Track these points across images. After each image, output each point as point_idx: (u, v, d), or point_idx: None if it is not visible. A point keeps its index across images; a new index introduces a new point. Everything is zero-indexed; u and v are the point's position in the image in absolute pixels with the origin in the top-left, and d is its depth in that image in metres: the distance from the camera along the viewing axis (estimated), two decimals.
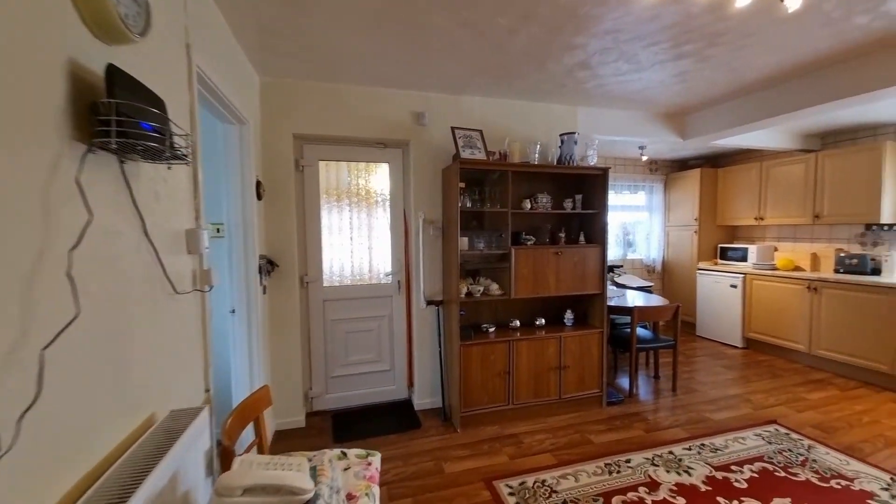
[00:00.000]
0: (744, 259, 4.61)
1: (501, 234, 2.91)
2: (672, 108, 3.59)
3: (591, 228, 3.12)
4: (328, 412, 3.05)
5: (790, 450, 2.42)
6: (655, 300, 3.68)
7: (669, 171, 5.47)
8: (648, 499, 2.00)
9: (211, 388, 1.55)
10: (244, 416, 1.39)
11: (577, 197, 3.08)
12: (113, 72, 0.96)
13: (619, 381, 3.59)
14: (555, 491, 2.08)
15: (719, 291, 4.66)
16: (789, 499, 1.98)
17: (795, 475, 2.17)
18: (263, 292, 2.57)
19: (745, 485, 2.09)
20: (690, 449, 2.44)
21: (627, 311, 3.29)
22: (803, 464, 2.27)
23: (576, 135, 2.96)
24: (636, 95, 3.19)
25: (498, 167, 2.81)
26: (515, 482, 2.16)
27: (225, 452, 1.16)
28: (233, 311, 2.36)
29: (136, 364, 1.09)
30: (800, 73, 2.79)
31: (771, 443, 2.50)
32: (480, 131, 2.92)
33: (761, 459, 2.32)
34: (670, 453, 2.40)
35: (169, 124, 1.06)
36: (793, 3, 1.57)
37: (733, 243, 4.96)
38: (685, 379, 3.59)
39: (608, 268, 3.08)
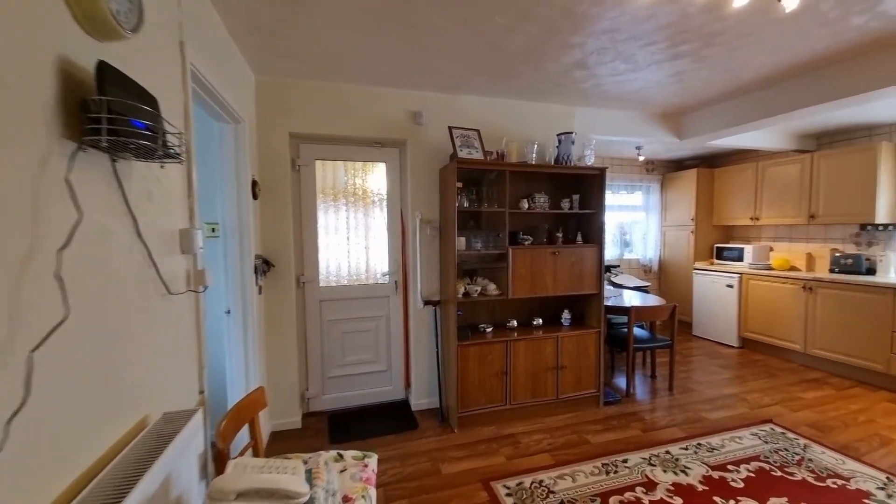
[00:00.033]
0: (740, 259, 4.63)
1: (499, 234, 2.91)
2: (669, 108, 3.60)
3: (589, 228, 3.12)
4: (325, 413, 3.04)
5: (786, 449, 2.43)
6: (652, 300, 3.69)
7: (666, 172, 5.49)
8: (646, 499, 2.00)
9: (205, 390, 1.53)
10: (239, 418, 1.38)
11: (575, 197, 3.07)
12: (104, 69, 0.94)
13: (616, 381, 3.60)
14: (552, 491, 2.07)
15: (715, 291, 4.68)
16: (786, 498, 1.98)
17: (792, 474, 2.17)
18: (259, 292, 2.55)
19: (742, 484, 2.10)
20: (687, 448, 2.44)
21: (624, 311, 3.29)
22: (799, 463, 2.28)
23: (573, 135, 2.96)
24: (633, 95, 3.20)
25: (495, 167, 2.80)
26: (513, 483, 2.15)
27: (219, 455, 1.14)
28: (228, 312, 2.34)
29: (129, 366, 1.07)
30: (796, 74, 2.80)
31: (767, 442, 2.51)
32: (478, 131, 2.91)
33: (757, 459, 2.32)
34: (667, 453, 2.40)
35: (162, 122, 1.04)
36: (790, 3, 1.57)
37: (729, 243, 4.98)
38: (682, 378, 3.59)
39: (605, 268, 3.08)
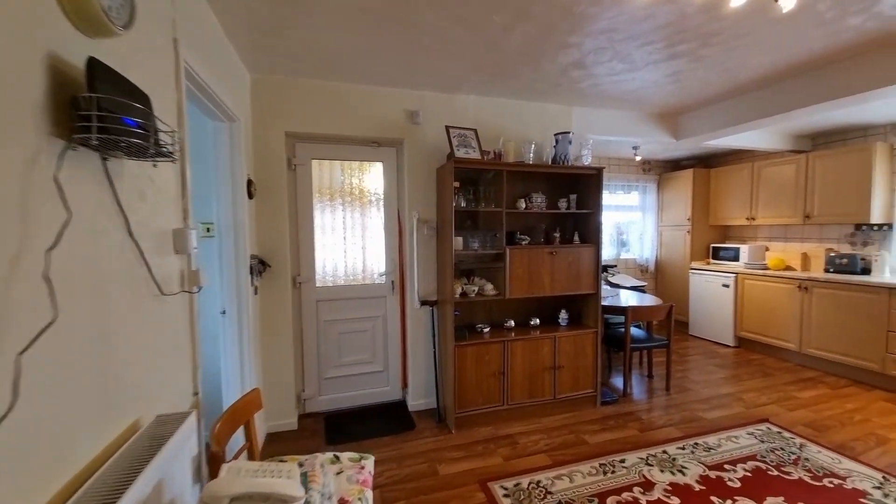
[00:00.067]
0: (736, 259, 4.64)
1: (496, 234, 2.90)
2: (666, 109, 3.61)
3: (586, 228, 3.12)
4: (321, 414, 3.02)
5: (782, 448, 2.43)
6: (649, 300, 3.69)
7: (662, 172, 5.50)
8: (643, 499, 2.00)
9: (200, 392, 1.51)
10: (234, 421, 1.36)
11: (572, 197, 3.07)
12: (94, 65, 0.92)
13: (614, 381, 3.60)
14: (550, 492, 2.06)
15: (711, 291, 4.70)
16: (782, 497, 1.98)
17: (788, 474, 2.18)
18: (255, 293, 2.53)
19: (739, 484, 2.10)
20: (684, 448, 2.45)
21: (621, 311, 3.29)
22: (795, 462, 2.28)
23: (570, 134, 2.95)
24: (630, 95, 3.20)
25: (492, 166, 2.79)
26: (510, 483, 2.14)
27: (213, 458, 1.12)
28: (223, 313, 2.32)
29: (120, 368, 1.05)
30: (793, 74, 2.81)
31: (763, 441, 2.51)
32: (475, 130, 2.90)
33: (754, 458, 2.33)
34: (664, 453, 2.40)
35: (154, 120, 1.02)
36: (787, 3, 1.57)
37: (725, 243, 5.00)
38: (678, 378, 3.60)
39: (602, 267, 3.07)
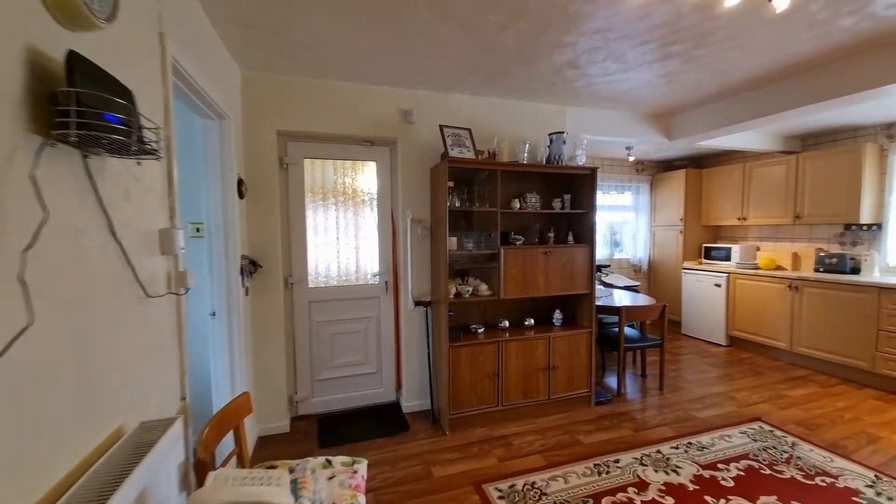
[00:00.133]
0: (727, 259, 4.68)
1: (490, 234, 2.88)
2: (659, 109, 3.62)
3: (580, 228, 3.11)
4: (314, 416, 2.98)
5: (775, 447, 2.45)
6: (642, 299, 3.70)
7: (655, 172, 5.53)
8: (637, 499, 1.99)
9: (187, 396, 1.47)
10: (222, 426, 1.33)
11: (566, 197, 3.06)
12: (74, 59, 0.89)
13: (608, 381, 3.60)
14: (544, 493, 2.05)
15: (704, 290, 4.73)
16: (775, 496, 1.99)
17: (781, 472, 2.19)
18: (246, 294, 2.48)
19: (732, 483, 2.10)
20: (678, 448, 2.45)
21: (615, 311, 3.30)
22: (788, 461, 2.30)
23: (564, 134, 2.95)
24: (624, 96, 3.20)
25: (487, 166, 2.77)
26: (505, 485, 2.13)
27: (200, 465, 1.09)
28: (213, 314, 2.27)
29: (103, 374, 1.02)
30: (786, 75, 2.82)
31: (756, 440, 2.53)
32: (469, 130, 2.88)
33: (747, 457, 2.34)
34: (658, 452, 2.40)
35: (137, 116, 0.99)
36: (781, 3, 1.57)
37: (717, 243, 5.04)
38: (671, 377, 3.62)
39: (596, 267, 3.07)
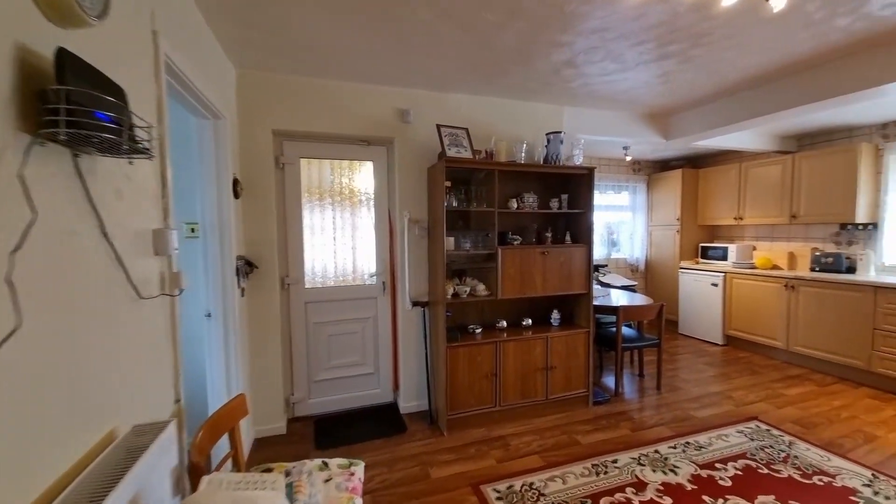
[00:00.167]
0: (724, 258, 4.70)
1: (488, 234, 2.87)
2: (656, 109, 3.62)
3: (577, 228, 3.11)
4: (310, 418, 2.96)
5: (772, 446, 2.45)
6: (639, 299, 3.70)
7: (652, 172, 5.54)
8: (636, 499, 1.99)
9: (182, 399, 1.45)
10: (217, 429, 1.31)
11: (563, 196, 3.06)
12: (63, 56, 0.87)
13: (605, 381, 3.60)
14: (543, 494, 2.05)
15: (700, 290, 4.74)
16: (773, 496, 1.99)
17: (778, 472, 2.19)
18: (242, 294, 2.46)
19: (730, 483, 2.10)
20: (676, 447, 2.45)
21: (613, 311, 3.30)
22: (785, 460, 2.30)
23: (562, 134, 2.94)
24: (621, 95, 3.20)
25: (484, 166, 2.76)
26: (503, 486, 2.12)
27: (194, 469, 1.07)
28: (208, 315, 2.25)
29: (94, 377, 1.00)
30: (782, 75, 2.83)
31: (753, 439, 2.53)
32: (466, 129, 2.87)
33: (744, 456, 2.34)
34: (656, 452, 2.40)
35: (129, 115, 0.97)
36: (778, 3, 1.57)
37: (714, 243, 5.05)
38: (669, 377, 3.62)
39: (593, 267, 3.07)
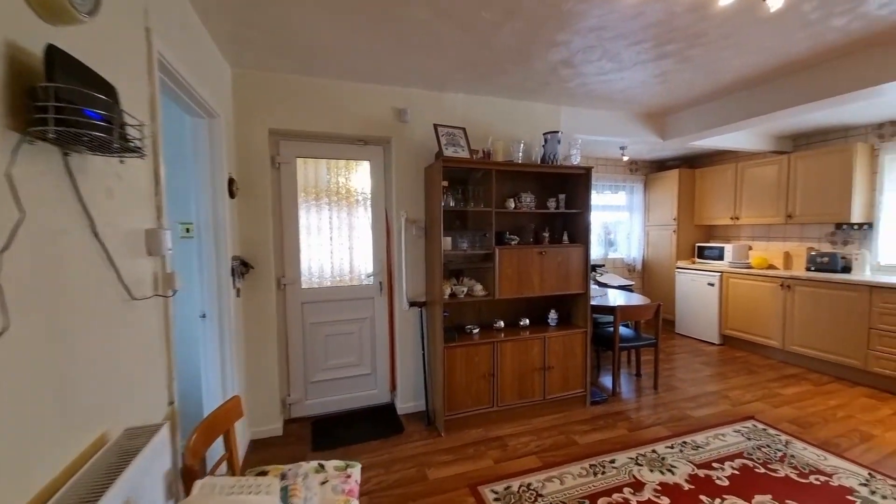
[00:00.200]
0: (720, 258, 4.71)
1: (485, 234, 2.86)
2: (653, 109, 3.62)
3: (575, 228, 3.11)
4: (307, 419, 2.94)
5: (769, 445, 2.45)
6: (636, 299, 3.71)
7: (649, 172, 5.55)
8: (633, 500, 1.99)
9: (175, 401, 1.44)
10: (211, 431, 1.29)
11: (561, 196, 3.06)
12: (53, 53, 0.85)
13: (602, 381, 3.60)
14: (540, 495, 2.04)
15: (697, 289, 4.75)
16: (770, 496, 1.99)
17: (775, 471, 2.20)
18: (237, 295, 2.44)
19: (727, 482, 2.10)
20: (673, 447, 2.45)
21: (610, 311, 3.29)
22: (782, 459, 2.30)
23: (559, 134, 2.93)
24: (618, 95, 3.20)
25: (482, 166, 2.75)
26: (501, 487, 2.11)
27: (187, 473, 1.06)
28: (203, 316, 2.23)
29: (85, 379, 0.98)
30: (779, 75, 2.84)
31: (750, 439, 2.53)
32: (464, 129, 2.86)
33: (741, 456, 2.34)
34: (653, 452, 2.40)
35: (120, 113, 0.96)
36: (775, 3, 1.57)
37: (710, 242, 5.07)
38: (666, 376, 3.62)
39: (591, 267, 3.07)
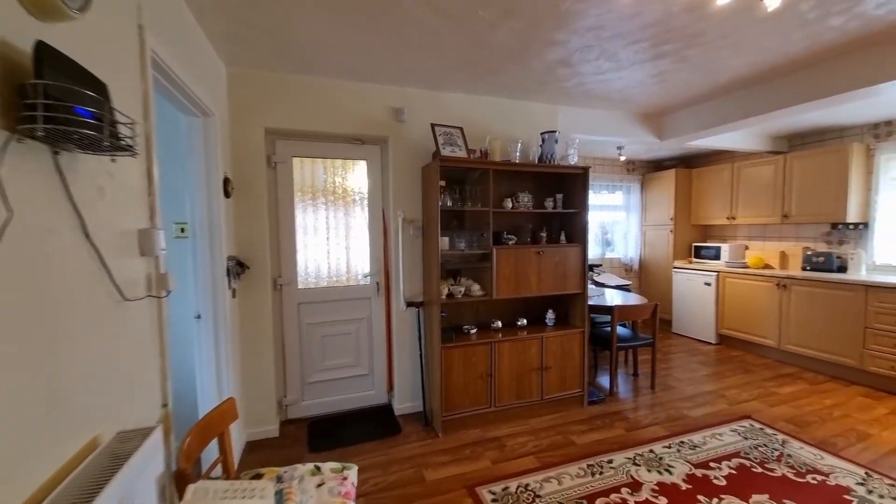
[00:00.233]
0: (717, 257, 4.73)
1: (483, 234, 2.86)
2: (650, 109, 3.62)
3: (572, 228, 3.10)
4: (304, 420, 2.92)
5: (765, 445, 2.46)
6: (633, 298, 3.71)
7: (646, 172, 5.56)
8: (631, 500, 1.98)
9: (169, 403, 1.42)
10: (205, 434, 1.28)
11: (558, 196, 3.05)
12: (42, 50, 0.83)
13: (600, 380, 3.60)
14: (538, 495, 2.03)
15: (694, 289, 4.76)
16: (767, 495, 2.00)
17: (772, 471, 2.20)
18: (233, 296, 2.42)
19: (724, 482, 2.11)
20: (670, 447, 2.45)
21: (608, 310, 3.29)
22: (779, 459, 2.31)
23: (556, 133, 2.93)
24: (615, 95, 3.20)
25: (479, 165, 2.74)
26: (498, 488, 2.10)
27: (180, 477, 1.04)
28: (198, 317, 2.21)
29: (75, 381, 0.96)
30: (776, 75, 2.84)
31: (747, 438, 2.54)
32: (461, 129, 2.85)
33: (738, 455, 2.35)
34: (651, 452, 2.40)
35: (111, 111, 0.94)
36: (772, 2, 1.57)
37: (707, 242, 5.08)
38: (663, 376, 3.63)
39: (588, 267, 3.07)
